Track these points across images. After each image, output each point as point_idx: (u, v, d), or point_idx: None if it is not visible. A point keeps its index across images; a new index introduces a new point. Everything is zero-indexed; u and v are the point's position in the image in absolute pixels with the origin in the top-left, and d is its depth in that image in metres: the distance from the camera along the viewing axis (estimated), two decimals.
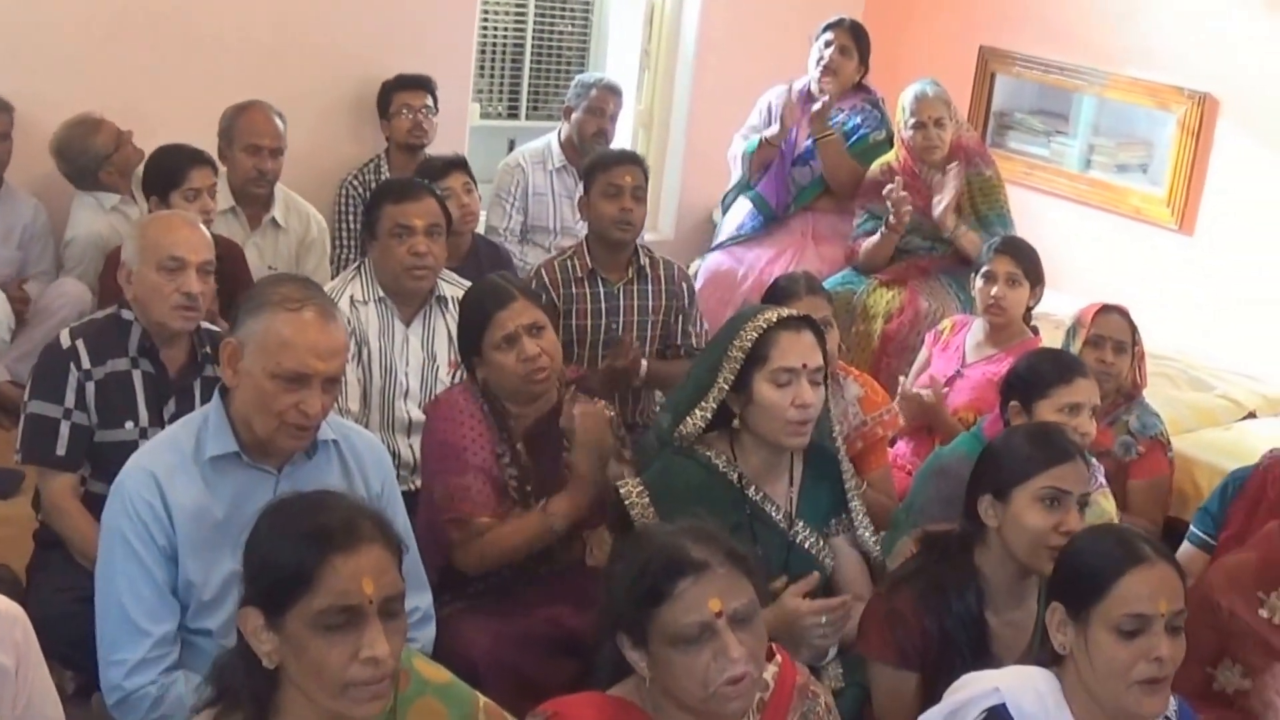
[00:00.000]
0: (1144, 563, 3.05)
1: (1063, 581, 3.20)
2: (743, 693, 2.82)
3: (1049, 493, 3.69)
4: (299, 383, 3.44)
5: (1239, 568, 4.09)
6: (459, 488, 4.27)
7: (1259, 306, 7.52)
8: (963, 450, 4.57)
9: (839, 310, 6.50)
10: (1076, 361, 4.73)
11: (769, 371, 3.93)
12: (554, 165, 7.54)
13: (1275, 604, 3.95)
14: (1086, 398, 4.51)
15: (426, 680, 2.84)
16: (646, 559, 2.89)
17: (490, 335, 4.33)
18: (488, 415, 4.38)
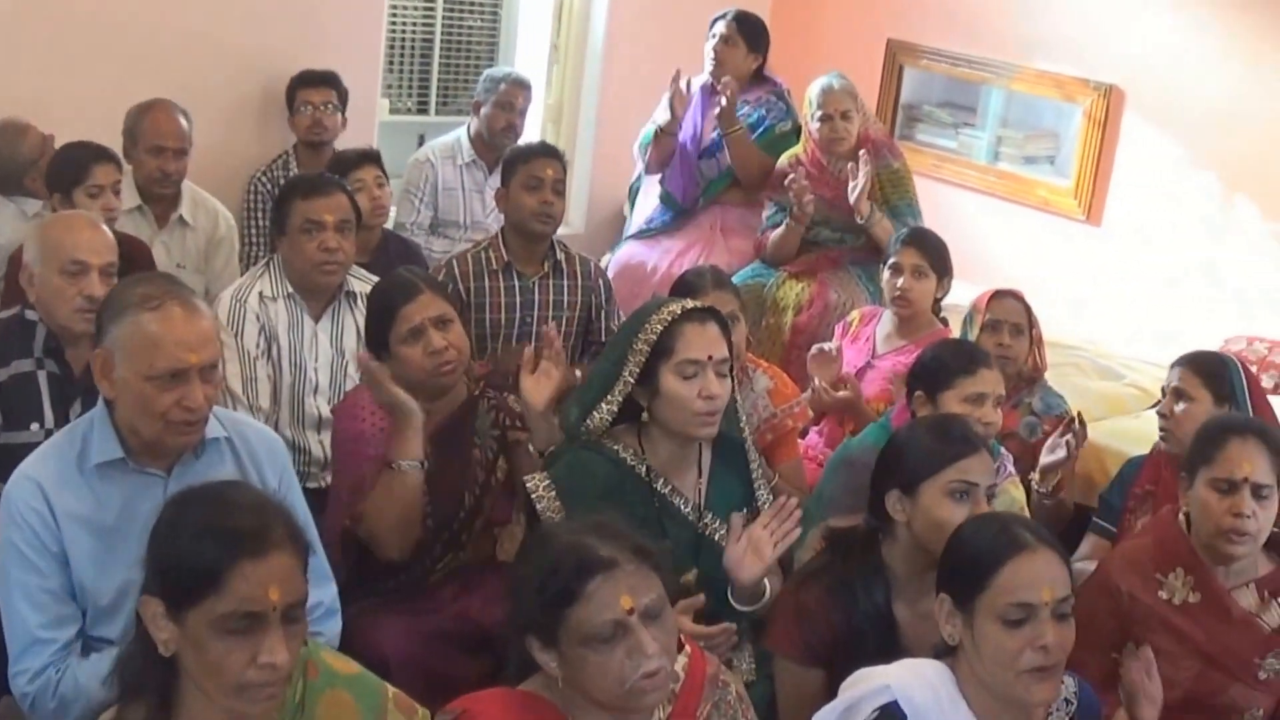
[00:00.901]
0: (1026, 550, 3.06)
1: (948, 572, 3.21)
2: (658, 686, 2.83)
3: (958, 486, 3.71)
4: (176, 379, 3.40)
5: (1136, 552, 4.14)
6: (357, 483, 4.28)
7: (1166, 295, 7.61)
8: (870, 441, 4.57)
9: (749, 303, 6.51)
10: (980, 352, 4.73)
11: (675, 364, 3.92)
12: (463, 160, 7.50)
13: (1173, 585, 4.00)
14: (991, 388, 4.52)
15: (335, 672, 2.83)
16: (554, 560, 2.88)
17: (397, 329, 4.32)
18: None
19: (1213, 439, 3.98)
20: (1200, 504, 3.95)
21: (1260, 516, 3.90)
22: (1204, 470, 3.95)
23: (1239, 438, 3.94)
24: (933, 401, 4.52)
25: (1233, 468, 3.89)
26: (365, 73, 7.73)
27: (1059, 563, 3.10)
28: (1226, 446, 3.92)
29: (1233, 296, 7.38)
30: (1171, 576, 4.01)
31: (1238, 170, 7.38)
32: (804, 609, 3.73)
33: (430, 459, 4.30)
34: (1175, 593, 3.99)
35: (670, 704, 2.99)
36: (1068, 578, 3.10)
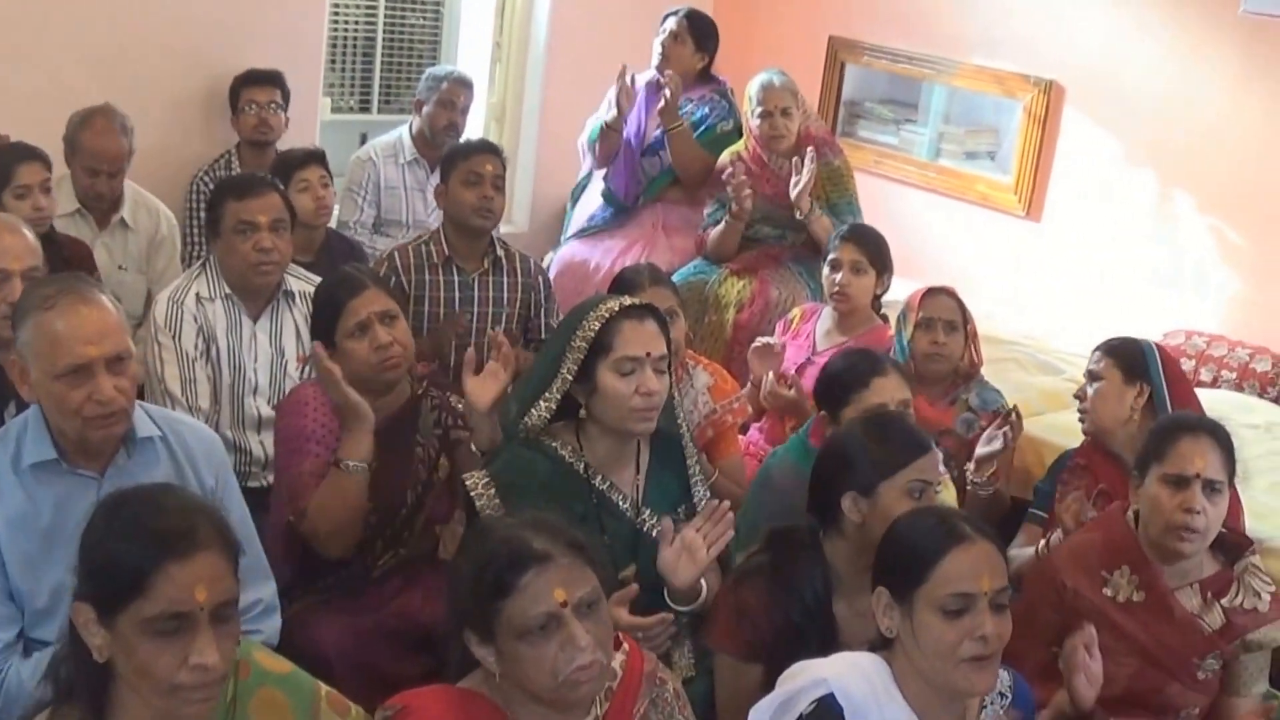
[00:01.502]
0: (964, 542, 3.09)
1: (886, 565, 3.23)
2: (592, 679, 2.84)
3: (916, 485, 3.74)
4: (81, 374, 3.40)
5: (1083, 548, 4.17)
6: (299, 482, 4.29)
7: (1106, 290, 7.66)
8: (790, 461, 4.57)
9: (691, 300, 6.55)
10: (874, 360, 4.66)
11: (613, 361, 3.93)
12: (405, 158, 7.50)
13: (1118, 583, 4.03)
14: (888, 395, 4.48)
15: (267, 671, 2.83)
16: (488, 554, 2.89)
17: (343, 323, 4.36)
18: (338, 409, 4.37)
19: (1166, 435, 4.01)
20: (1151, 499, 3.98)
21: (1210, 514, 3.94)
22: (1155, 466, 3.98)
23: (1191, 435, 3.97)
24: (835, 421, 4.49)
25: (1184, 464, 3.92)
26: (307, 71, 7.72)
27: (997, 554, 3.12)
28: (1179, 443, 3.95)
29: (1172, 291, 7.43)
30: (1117, 574, 4.04)
31: (1176, 165, 7.43)
32: (743, 606, 3.74)
33: (373, 456, 4.32)
34: (1120, 590, 4.02)
35: (607, 701, 3.00)
36: (1005, 569, 3.13)
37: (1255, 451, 5.93)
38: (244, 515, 3.81)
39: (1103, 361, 4.88)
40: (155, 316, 5.11)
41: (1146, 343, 5.00)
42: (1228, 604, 4.01)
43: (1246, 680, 4.04)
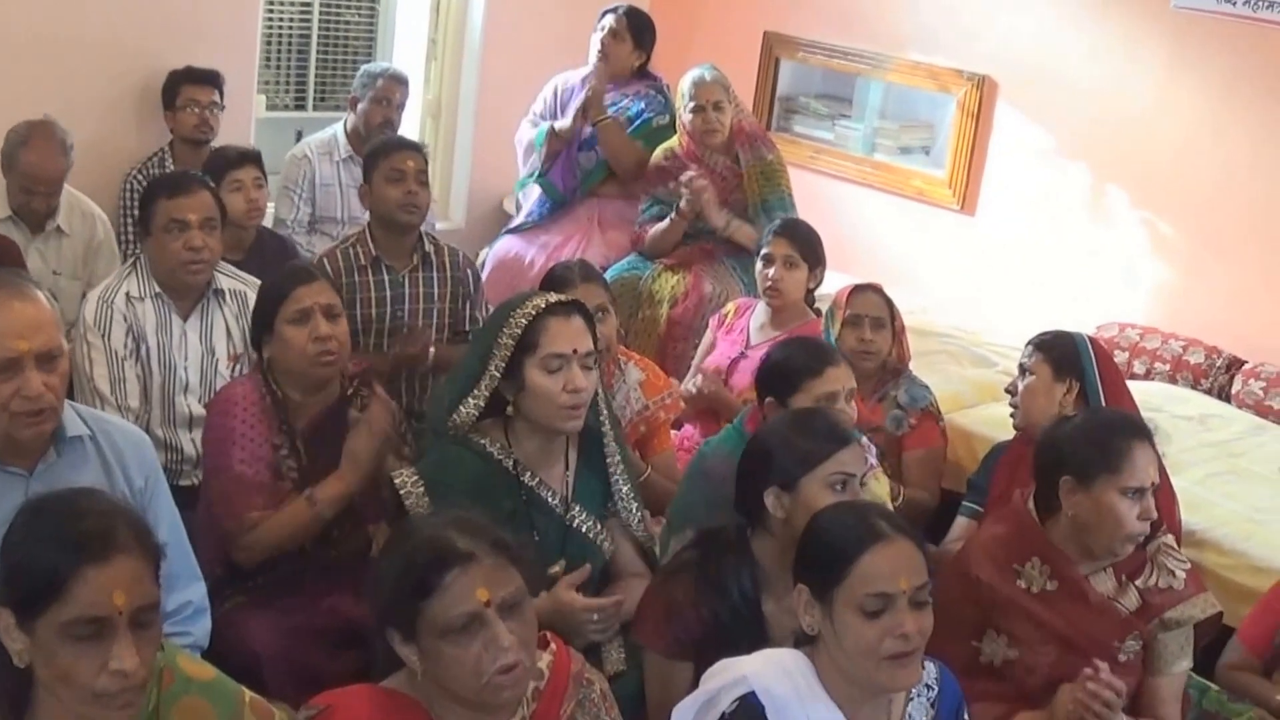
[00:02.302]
0: (882, 540, 3.08)
1: (805, 563, 3.21)
2: (515, 681, 2.83)
3: (838, 478, 3.73)
4: (10, 370, 3.37)
5: (992, 542, 4.18)
6: (230, 483, 4.30)
7: (1039, 283, 7.70)
8: (726, 449, 4.54)
9: (625, 296, 6.56)
10: (825, 350, 4.70)
11: (540, 358, 3.93)
12: (340, 156, 7.46)
13: (1030, 574, 4.03)
14: (840, 385, 4.49)
15: (190, 678, 2.80)
16: (411, 553, 2.89)
17: (286, 308, 4.38)
18: (268, 406, 4.39)
19: (1115, 447, 3.96)
20: (1109, 510, 3.94)
21: (1153, 511, 3.97)
22: (1109, 477, 3.93)
23: (1139, 442, 3.96)
24: (784, 406, 4.47)
25: (1142, 475, 3.91)
26: (242, 68, 7.65)
27: (915, 551, 3.11)
28: (1132, 454, 3.93)
29: (1105, 284, 7.47)
30: (1028, 566, 4.04)
31: (1108, 159, 7.47)
32: (672, 603, 3.74)
33: (303, 454, 4.36)
34: (1033, 582, 4.03)
35: (534, 702, 2.99)
36: (924, 565, 3.11)
37: (1188, 443, 5.99)
38: (173, 516, 3.81)
39: (1034, 356, 4.89)
40: (85, 315, 5.08)
41: (1080, 337, 5.01)
42: (1142, 585, 4.03)
43: (1168, 660, 4.05)
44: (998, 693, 3.98)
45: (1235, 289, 7.01)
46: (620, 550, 4.24)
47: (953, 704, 3.34)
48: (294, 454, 4.39)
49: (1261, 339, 6.87)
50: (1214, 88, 7.09)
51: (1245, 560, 5.12)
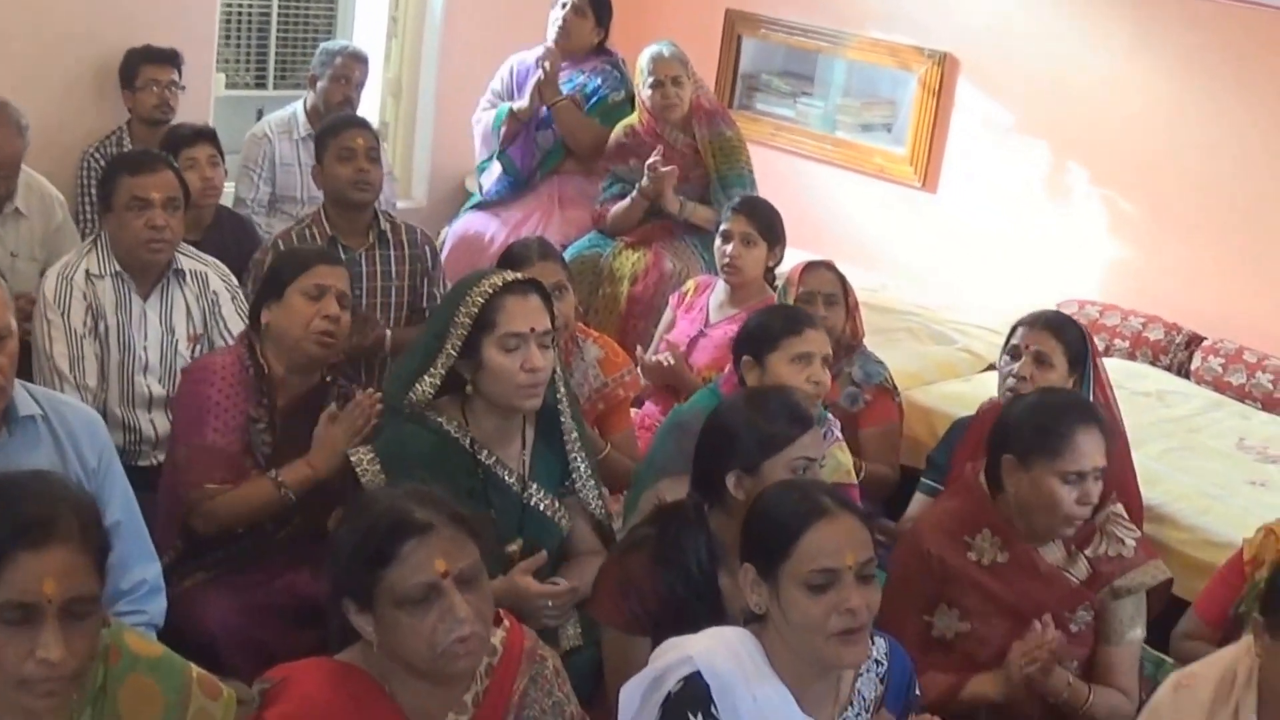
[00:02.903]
0: (826, 516, 3.07)
1: (751, 542, 3.21)
2: (470, 652, 2.84)
3: (800, 463, 3.75)
4: None
5: (943, 516, 4.21)
6: (198, 452, 4.31)
7: (999, 260, 7.72)
8: (700, 407, 4.56)
9: (585, 274, 6.57)
10: (804, 314, 4.76)
11: (497, 337, 3.93)
12: (300, 135, 7.41)
13: (981, 546, 4.06)
14: (817, 347, 4.53)
15: (137, 655, 2.79)
16: (371, 522, 2.88)
17: (304, 280, 4.44)
18: (250, 379, 4.41)
19: (1058, 431, 3.96)
20: (1047, 494, 3.96)
21: (1095, 495, 3.98)
22: (1048, 461, 3.95)
23: (1084, 427, 3.96)
24: (760, 364, 4.51)
25: (1083, 460, 3.92)
26: (201, 47, 7.59)
27: (860, 526, 3.11)
28: (1074, 439, 3.93)
29: (1065, 261, 7.50)
30: (979, 538, 4.06)
31: (1069, 137, 7.50)
32: (629, 578, 3.74)
33: (279, 431, 4.40)
34: (983, 554, 4.05)
35: (487, 678, 2.99)
36: (870, 540, 3.12)
37: (1147, 419, 6.03)
38: (127, 497, 3.79)
39: (1051, 345, 4.82)
40: (44, 292, 5.06)
41: (1085, 330, 5.03)
42: (1092, 554, 4.06)
43: (1120, 629, 4.07)
44: (950, 666, 4.00)
45: (1195, 266, 7.05)
46: (577, 528, 4.24)
47: (903, 679, 3.35)
48: (270, 430, 4.40)
49: (1220, 316, 6.91)
50: (1174, 66, 7.12)
51: (1202, 535, 5.15)
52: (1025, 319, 4.96)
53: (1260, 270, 6.81)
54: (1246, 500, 5.36)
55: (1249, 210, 6.84)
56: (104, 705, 2.70)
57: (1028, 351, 4.82)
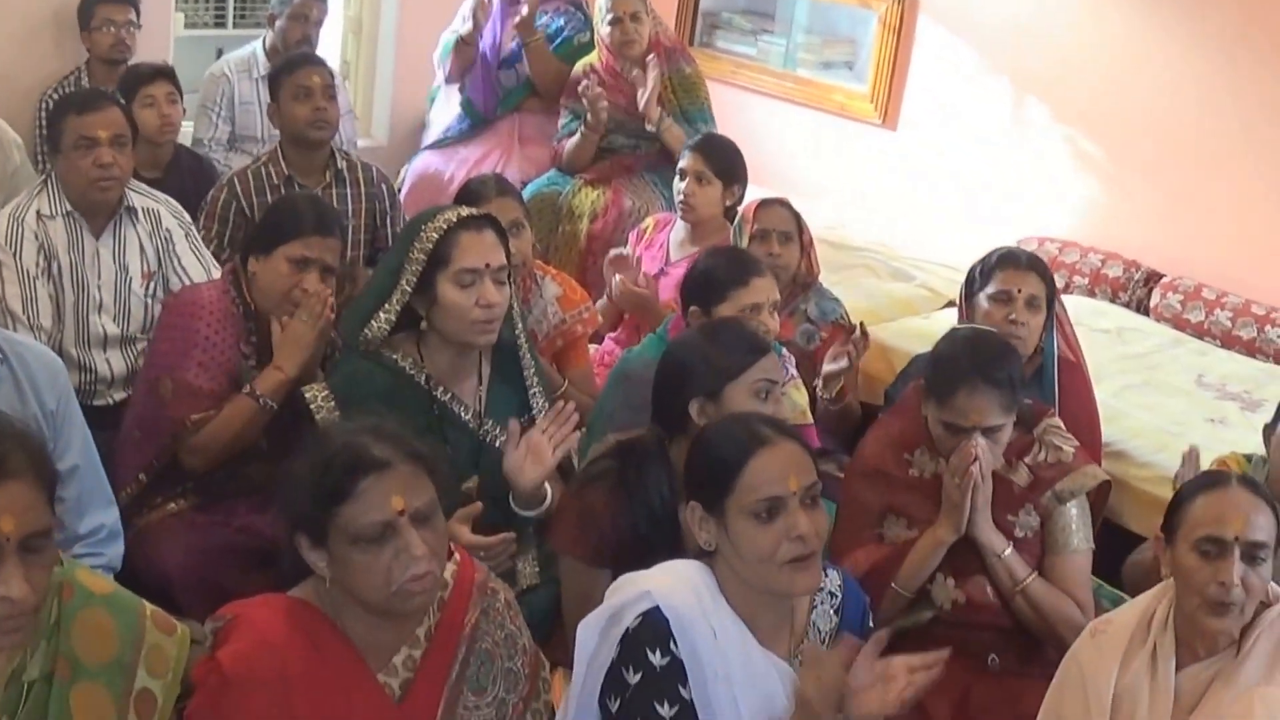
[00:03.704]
0: (766, 445, 3.08)
1: (694, 480, 3.21)
2: (425, 589, 2.83)
3: (762, 385, 3.78)
4: None
5: (884, 436, 4.25)
6: (182, 386, 4.29)
7: (960, 198, 7.72)
8: (649, 355, 4.56)
9: (545, 211, 6.56)
10: (752, 261, 4.73)
11: (452, 273, 3.92)
12: (259, 74, 7.35)
13: (922, 461, 4.10)
14: (765, 296, 4.53)
15: (90, 592, 2.79)
16: (327, 458, 2.86)
17: (291, 248, 4.37)
18: (238, 316, 4.40)
19: (946, 380, 3.99)
20: (935, 435, 4.04)
21: (993, 451, 3.96)
22: (935, 405, 4.01)
23: (969, 387, 3.93)
24: (707, 315, 4.51)
25: (959, 417, 3.94)
26: None
27: (801, 451, 3.12)
28: (957, 394, 3.94)
29: (1025, 198, 7.50)
30: (918, 453, 4.12)
31: (1030, 75, 7.48)
32: (589, 510, 3.75)
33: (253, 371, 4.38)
34: (924, 468, 4.09)
35: (439, 611, 2.99)
36: (812, 465, 3.12)
37: (1106, 356, 6.05)
38: (86, 440, 3.80)
39: (1039, 285, 4.78)
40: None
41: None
42: (1031, 462, 4.08)
43: (1064, 537, 4.07)
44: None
45: (1154, 204, 7.05)
46: None
47: (857, 610, 3.36)
48: (261, 366, 4.38)
49: (1180, 253, 6.92)
50: (1134, 5, 7.10)
51: (1159, 471, 5.17)
52: (1002, 261, 4.87)
53: (1219, 208, 6.82)
54: (1204, 437, 5.35)
55: (1209, 149, 6.84)
56: (58, 641, 2.69)
57: (1020, 296, 4.76)
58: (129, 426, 4.41)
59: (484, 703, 3.00)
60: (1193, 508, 3.35)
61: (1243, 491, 3.33)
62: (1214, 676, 3.36)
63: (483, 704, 3.00)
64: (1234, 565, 3.24)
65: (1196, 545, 3.30)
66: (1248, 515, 3.28)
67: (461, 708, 2.97)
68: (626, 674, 3.02)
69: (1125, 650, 3.43)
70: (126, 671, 2.78)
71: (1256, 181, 6.64)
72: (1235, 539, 3.25)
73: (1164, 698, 3.37)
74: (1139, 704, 3.38)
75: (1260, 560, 3.28)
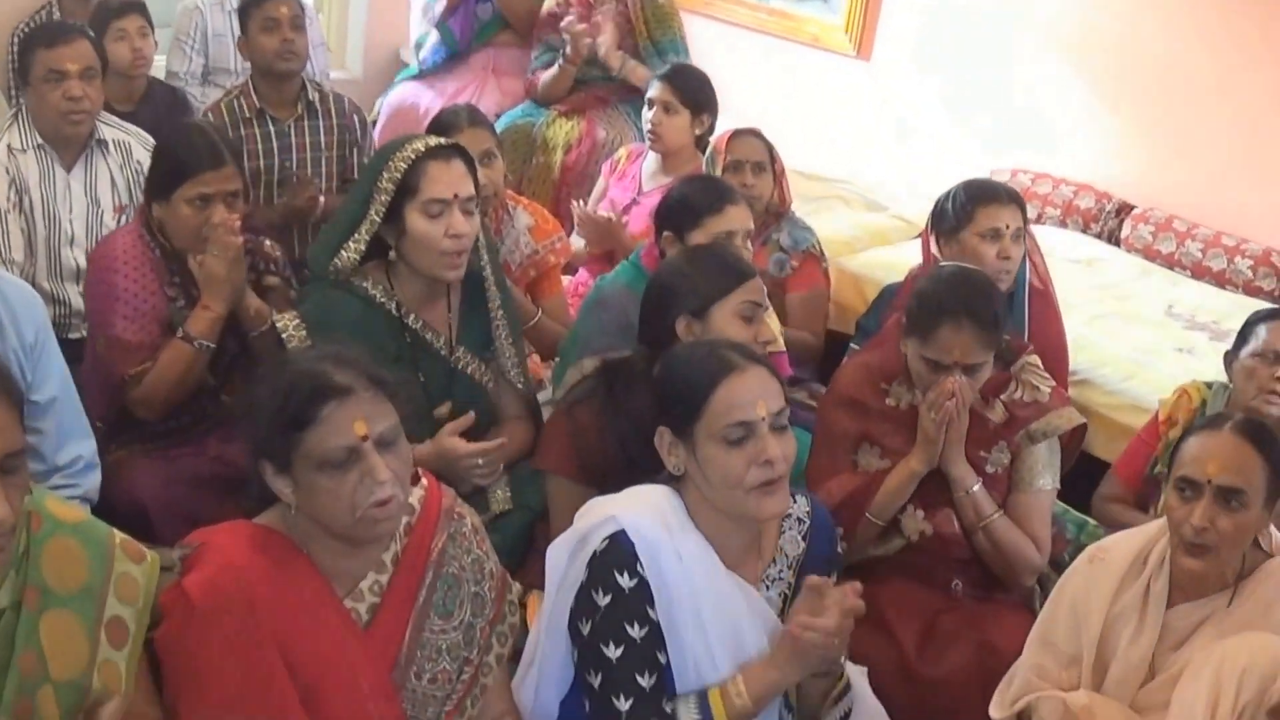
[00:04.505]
0: (735, 371, 3.10)
1: (664, 404, 3.23)
2: (390, 515, 2.85)
3: (747, 308, 3.81)
4: None
5: (863, 367, 4.26)
6: (114, 343, 4.27)
7: (932, 129, 7.71)
8: (622, 281, 4.60)
9: (519, 143, 6.57)
10: (727, 189, 4.72)
11: (420, 203, 3.93)
12: (231, 6, 7.22)
13: (899, 392, 4.11)
14: (739, 224, 4.53)
15: (59, 520, 2.79)
16: (290, 384, 2.87)
17: (187, 189, 4.27)
18: (156, 260, 4.34)
19: (928, 316, 3.98)
20: (913, 369, 4.05)
21: (970, 387, 3.97)
22: (917, 341, 4.00)
23: (953, 322, 3.93)
24: (681, 241, 4.50)
25: (942, 353, 3.94)
26: None
27: (771, 377, 3.14)
28: (939, 330, 3.94)
29: (999, 129, 7.49)
30: (895, 384, 4.13)
31: (1003, 8, 7.43)
32: (578, 429, 3.80)
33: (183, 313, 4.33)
34: (901, 399, 4.11)
35: (405, 536, 3.01)
36: (781, 391, 3.15)
37: (1077, 286, 6.07)
38: (64, 372, 3.81)
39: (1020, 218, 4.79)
40: None
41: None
42: (1008, 399, 4.10)
43: (1030, 476, 4.10)
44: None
45: (1127, 136, 7.05)
46: (502, 393, 4.27)
47: (825, 535, 3.39)
48: (191, 305, 4.34)
49: (1151, 185, 6.93)
50: None
51: (1127, 400, 5.22)
52: (983, 196, 4.84)
53: (1191, 140, 6.82)
54: (1172, 366, 5.40)
55: (1181, 82, 6.82)
56: (27, 570, 2.69)
57: (1008, 232, 4.75)
58: (85, 378, 4.33)
59: (451, 627, 3.02)
60: (1184, 447, 3.39)
61: (1232, 436, 3.33)
62: (1205, 619, 3.40)
63: (450, 628, 3.02)
64: (1203, 507, 3.27)
65: (1176, 484, 3.35)
66: (1226, 459, 3.29)
67: (428, 632, 2.99)
68: (596, 596, 3.06)
69: (1121, 580, 3.47)
70: (97, 599, 2.78)
71: (1228, 114, 6.64)
72: (1208, 481, 3.28)
73: (1149, 634, 3.42)
74: (1124, 636, 3.44)
75: (1236, 506, 3.29)
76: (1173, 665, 3.39)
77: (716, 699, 3.06)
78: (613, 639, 3.04)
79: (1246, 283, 6.34)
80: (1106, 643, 3.47)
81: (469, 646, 3.06)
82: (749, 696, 3.06)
